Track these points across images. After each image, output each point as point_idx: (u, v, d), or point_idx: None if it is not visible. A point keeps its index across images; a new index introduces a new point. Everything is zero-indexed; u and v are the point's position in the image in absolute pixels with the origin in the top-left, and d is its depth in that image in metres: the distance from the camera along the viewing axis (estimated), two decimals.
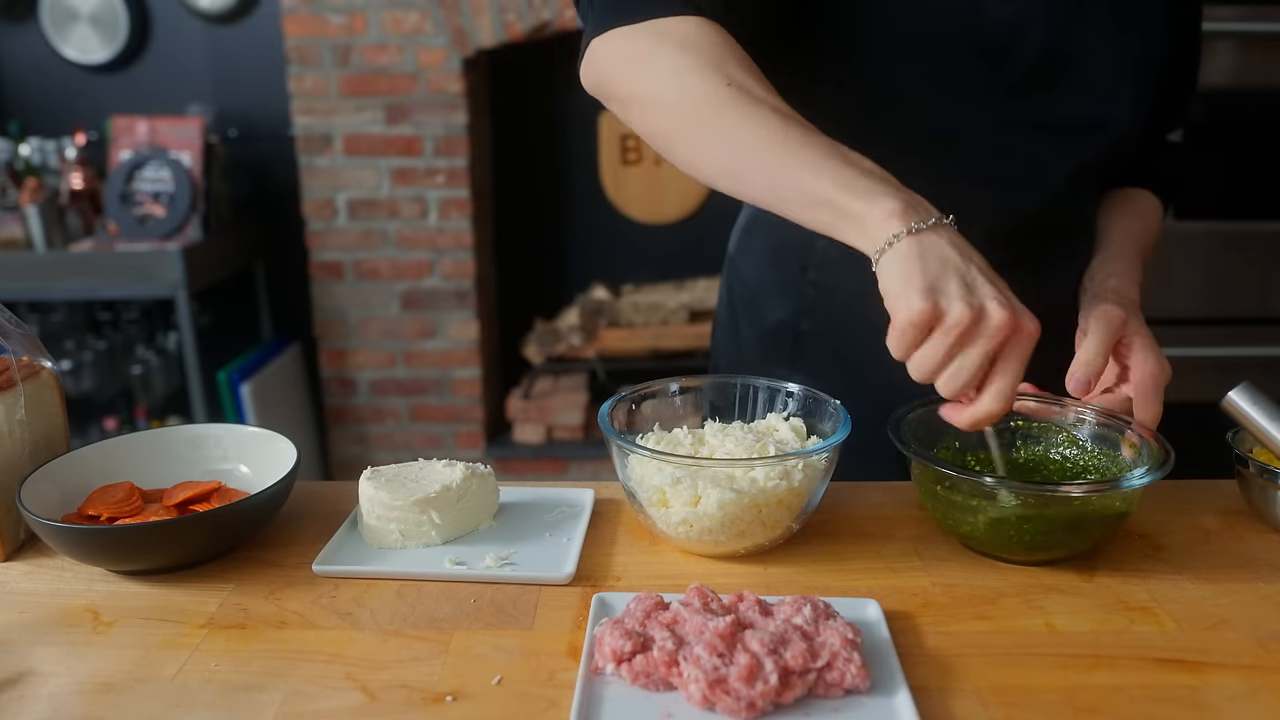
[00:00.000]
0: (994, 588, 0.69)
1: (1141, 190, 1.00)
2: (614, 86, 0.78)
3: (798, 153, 0.69)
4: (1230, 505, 0.82)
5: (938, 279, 0.64)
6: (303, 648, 0.62)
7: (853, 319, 0.93)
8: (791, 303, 0.97)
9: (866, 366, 0.88)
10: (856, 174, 0.68)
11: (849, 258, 0.92)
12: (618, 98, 0.78)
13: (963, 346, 0.64)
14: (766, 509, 0.71)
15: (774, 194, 0.72)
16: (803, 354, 0.98)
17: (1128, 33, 0.85)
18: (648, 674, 0.56)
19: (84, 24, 2.76)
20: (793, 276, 0.97)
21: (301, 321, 2.91)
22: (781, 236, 0.98)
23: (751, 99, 0.71)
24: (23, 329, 0.78)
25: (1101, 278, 0.89)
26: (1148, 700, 0.56)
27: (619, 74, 0.77)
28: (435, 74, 2.58)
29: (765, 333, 1.00)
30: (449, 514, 0.75)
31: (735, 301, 1.05)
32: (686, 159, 0.76)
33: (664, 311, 2.79)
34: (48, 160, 2.63)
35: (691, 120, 0.73)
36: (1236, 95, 2.12)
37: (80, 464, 0.78)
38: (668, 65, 0.74)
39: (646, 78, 0.75)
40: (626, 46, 0.76)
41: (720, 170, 0.74)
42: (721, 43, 0.74)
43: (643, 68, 0.75)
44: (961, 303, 0.63)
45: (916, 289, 0.64)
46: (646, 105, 0.76)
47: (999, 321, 0.63)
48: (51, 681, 0.59)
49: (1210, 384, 1.00)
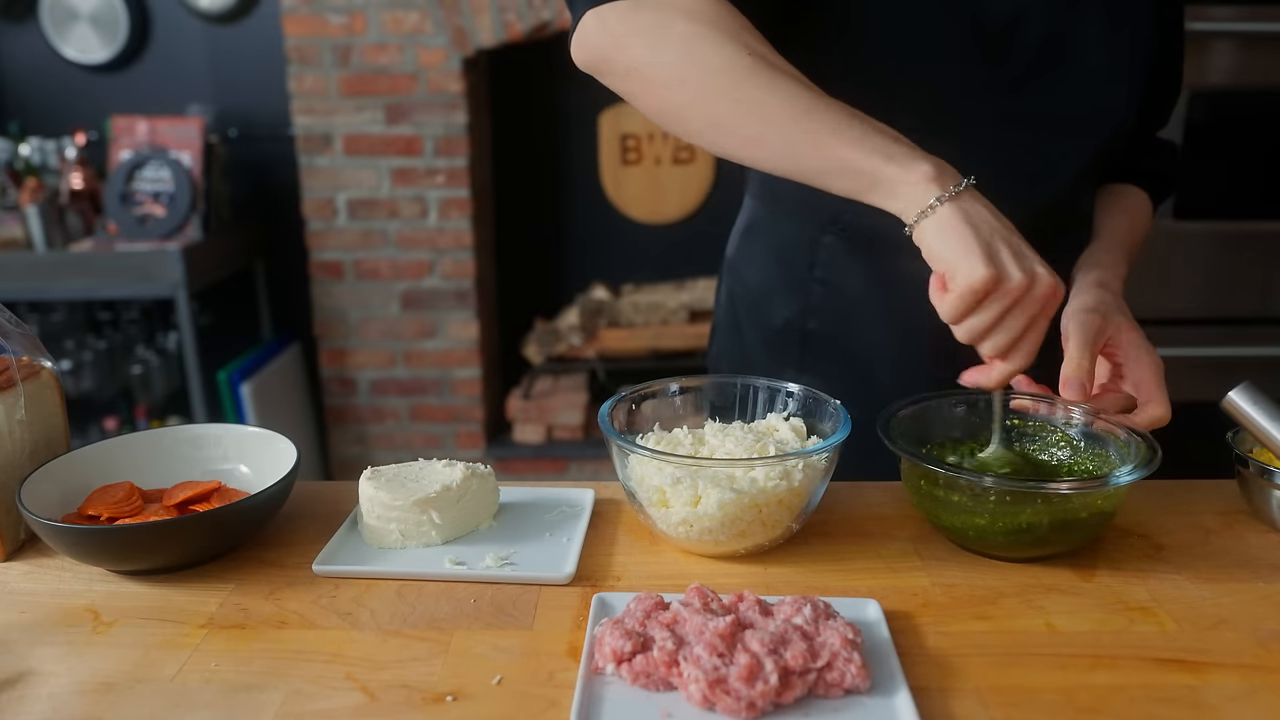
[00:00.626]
0: (994, 588, 0.69)
1: (1131, 187, 1.01)
2: (615, 60, 0.76)
3: (824, 120, 0.70)
4: (1230, 505, 0.82)
5: (991, 244, 0.67)
6: (303, 648, 0.62)
7: (861, 315, 0.93)
8: (798, 302, 0.97)
9: (874, 363, 0.89)
10: (886, 140, 0.70)
11: (856, 254, 0.93)
12: (617, 71, 0.77)
13: (1012, 311, 0.68)
14: (766, 509, 0.71)
15: (797, 162, 0.73)
16: (810, 354, 0.97)
17: (1120, 30, 0.86)
18: (648, 674, 0.56)
19: (84, 24, 2.76)
20: (799, 276, 0.97)
21: (301, 321, 2.91)
22: (785, 236, 0.98)
23: (773, 68, 0.72)
24: (23, 329, 0.78)
25: (1086, 270, 0.89)
26: (1148, 700, 0.56)
27: (621, 47, 0.75)
28: (435, 74, 2.58)
29: (770, 335, 1.00)
30: (449, 514, 0.75)
31: (737, 305, 1.05)
32: (700, 130, 0.76)
33: (664, 311, 2.79)
34: (48, 160, 2.63)
35: (710, 91, 0.73)
36: (1236, 95, 2.12)
37: (80, 464, 0.78)
38: (680, 37, 0.73)
39: (655, 50, 0.74)
40: (630, 19, 0.75)
41: (739, 139, 0.74)
42: (731, 15, 0.74)
43: (651, 40, 0.74)
44: (1017, 268, 0.67)
45: (978, 255, 0.66)
46: (653, 78, 0.75)
47: (1045, 287, 0.67)
48: (51, 681, 0.59)
49: (1210, 384, 1.00)
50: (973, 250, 0.66)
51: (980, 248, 0.66)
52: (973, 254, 0.66)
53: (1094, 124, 0.88)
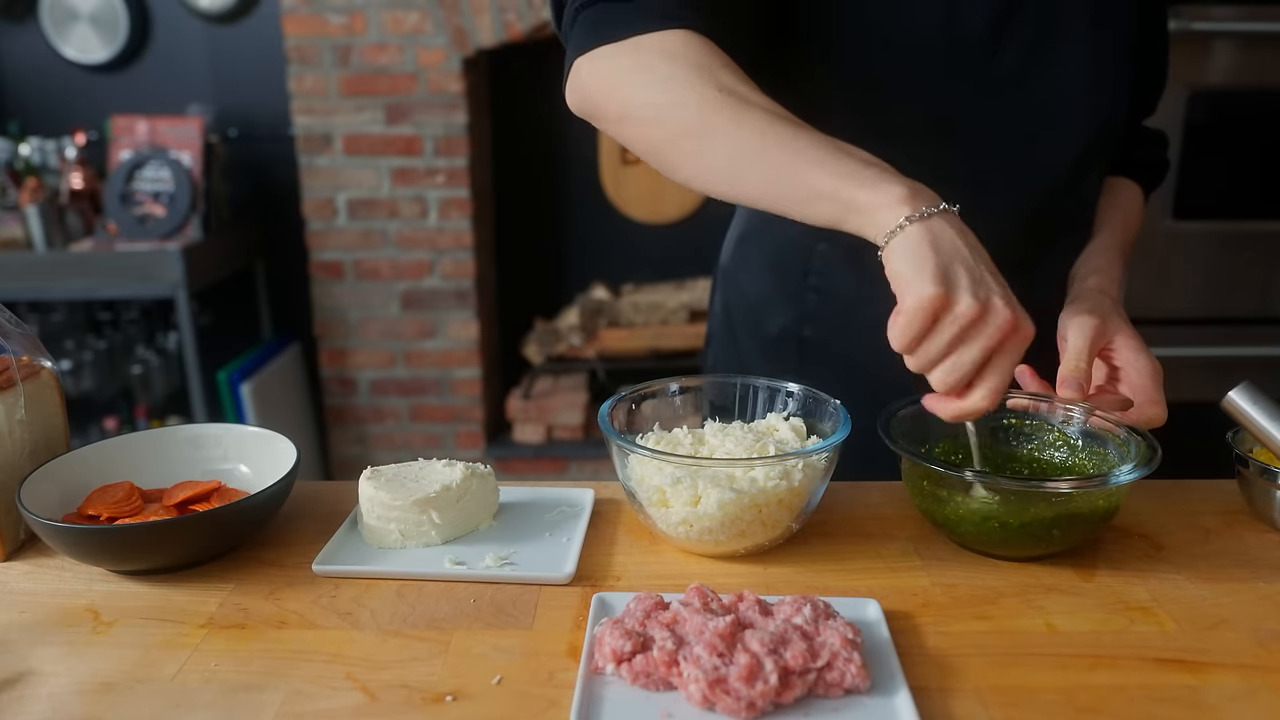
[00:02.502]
0: (994, 588, 0.69)
1: (1123, 180, 1.01)
2: (603, 105, 0.77)
3: (796, 150, 0.69)
4: (1230, 505, 0.82)
5: (949, 267, 0.64)
6: (303, 648, 0.62)
7: (856, 321, 0.93)
8: (794, 310, 0.97)
9: (869, 369, 0.88)
10: (858, 164, 0.68)
11: (851, 260, 0.92)
12: (608, 117, 0.77)
13: (964, 340, 0.64)
14: (766, 509, 0.71)
15: (774, 194, 0.71)
16: (807, 361, 0.98)
17: (1103, 28, 0.86)
18: (648, 674, 0.56)
19: (84, 24, 2.76)
20: (794, 283, 0.97)
21: (301, 321, 2.91)
22: (780, 244, 0.98)
23: (742, 102, 0.71)
24: (23, 329, 0.78)
25: (1083, 274, 0.89)
26: (1148, 700, 0.56)
27: (607, 92, 0.76)
28: (435, 74, 2.58)
29: (767, 343, 1.00)
30: (449, 514, 0.75)
31: (732, 314, 1.05)
32: (683, 169, 0.75)
33: (664, 311, 2.79)
34: (48, 160, 2.63)
35: (684, 129, 0.72)
36: (1236, 95, 2.12)
37: (80, 464, 0.78)
38: (655, 77, 0.73)
39: (636, 92, 0.74)
40: (611, 64, 0.75)
41: (718, 177, 0.74)
42: (706, 51, 0.73)
43: (631, 83, 0.74)
44: (970, 295, 0.63)
45: (929, 275, 0.63)
46: (638, 120, 0.75)
47: (1002, 320, 0.63)
48: (51, 681, 0.59)
49: (1210, 384, 1.00)
50: (926, 270, 0.63)
51: (934, 268, 0.63)
52: (925, 273, 0.63)
53: (1083, 120, 0.88)
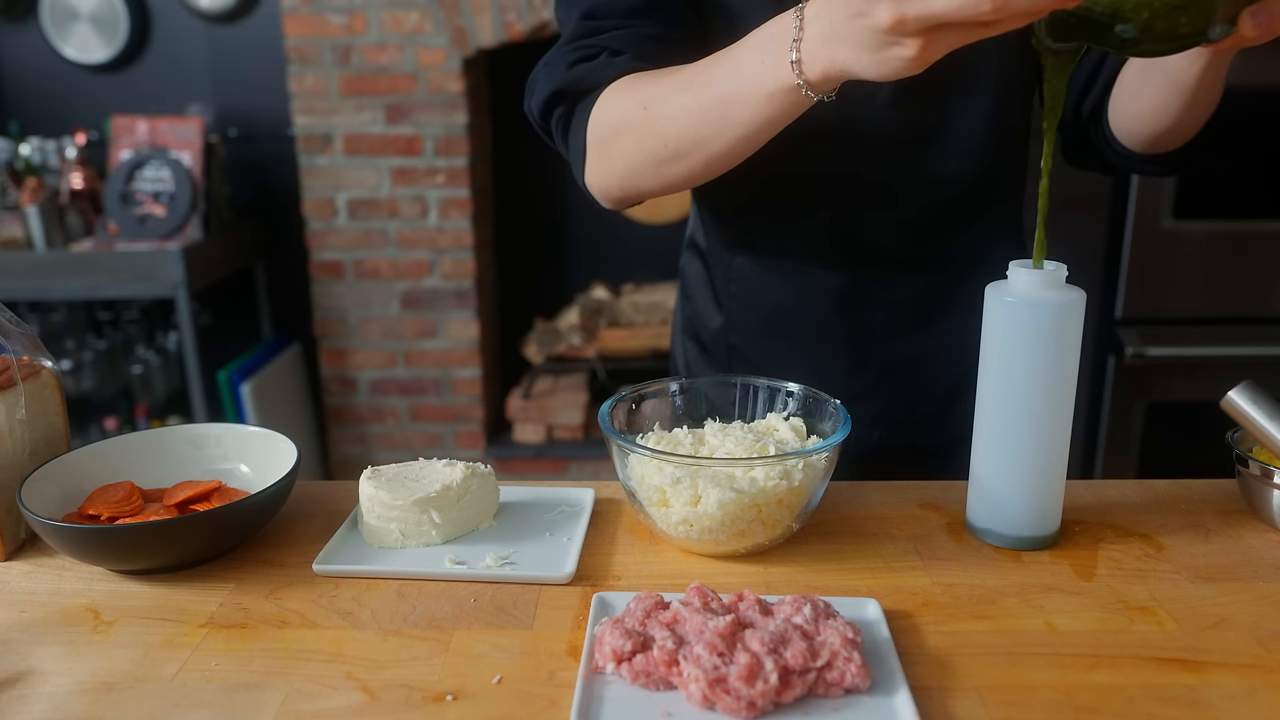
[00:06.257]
0: (994, 587, 0.69)
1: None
2: (623, 194, 0.83)
3: (701, 91, 0.72)
4: (1230, 505, 0.82)
5: None
6: (303, 647, 0.62)
7: (773, 332, 0.97)
8: (722, 316, 1.02)
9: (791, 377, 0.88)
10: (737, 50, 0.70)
11: (768, 270, 0.97)
12: (630, 199, 0.83)
13: None
14: (766, 509, 0.71)
15: (713, 133, 0.73)
16: (736, 366, 1.02)
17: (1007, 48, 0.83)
18: (648, 673, 0.56)
19: (84, 24, 2.76)
20: (720, 290, 1.01)
21: (301, 321, 2.91)
22: (709, 251, 1.02)
23: (661, 94, 0.74)
24: (23, 329, 0.78)
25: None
26: (1148, 700, 0.56)
27: (615, 185, 0.82)
28: (435, 74, 2.58)
29: (704, 346, 1.05)
30: (449, 513, 0.75)
31: (684, 313, 1.09)
32: (684, 175, 0.78)
33: (664, 311, 2.79)
34: (48, 160, 2.63)
35: (658, 157, 0.77)
36: (1236, 95, 2.11)
37: (80, 464, 0.78)
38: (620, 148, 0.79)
39: (620, 163, 0.80)
40: (597, 161, 0.81)
41: (700, 164, 0.76)
42: (633, 80, 0.78)
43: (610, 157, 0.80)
44: None
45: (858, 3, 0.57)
46: (638, 171, 0.79)
47: None
48: (51, 681, 0.59)
49: (1210, 384, 1.00)
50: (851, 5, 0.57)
51: None
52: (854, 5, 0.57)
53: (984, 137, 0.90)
